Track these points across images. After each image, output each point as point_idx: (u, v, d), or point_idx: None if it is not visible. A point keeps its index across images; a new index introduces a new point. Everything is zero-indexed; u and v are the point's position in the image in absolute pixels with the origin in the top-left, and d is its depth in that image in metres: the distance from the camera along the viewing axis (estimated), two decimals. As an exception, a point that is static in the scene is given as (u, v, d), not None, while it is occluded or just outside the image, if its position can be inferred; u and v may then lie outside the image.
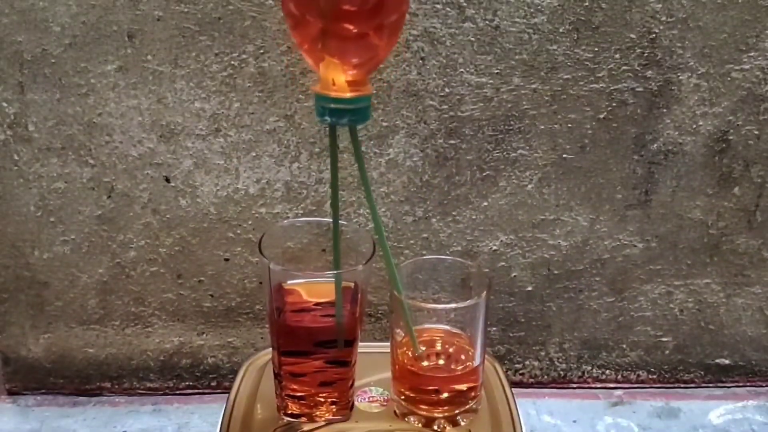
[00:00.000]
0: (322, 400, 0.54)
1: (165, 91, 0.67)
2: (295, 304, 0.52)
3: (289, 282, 0.52)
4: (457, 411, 0.54)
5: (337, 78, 0.42)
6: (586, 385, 0.83)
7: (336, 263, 0.50)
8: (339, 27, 0.41)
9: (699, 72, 0.68)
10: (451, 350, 0.54)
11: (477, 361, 0.54)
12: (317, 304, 0.52)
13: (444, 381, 0.54)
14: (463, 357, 0.54)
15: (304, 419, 0.54)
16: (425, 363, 0.53)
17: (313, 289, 0.52)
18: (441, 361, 0.54)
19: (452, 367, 0.54)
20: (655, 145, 0.71)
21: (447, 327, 0.55)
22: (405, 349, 0.54)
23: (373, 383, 0.59)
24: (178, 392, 0.81)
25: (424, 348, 0.54)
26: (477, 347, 0.53)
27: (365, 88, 0.43)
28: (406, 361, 0.53)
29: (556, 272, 0.76)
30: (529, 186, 0.72)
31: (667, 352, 0.81)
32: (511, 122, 0.69)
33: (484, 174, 0.71)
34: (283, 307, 0.52)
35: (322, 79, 0.43)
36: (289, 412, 0.55)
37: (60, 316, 0.76)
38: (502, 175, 0.71)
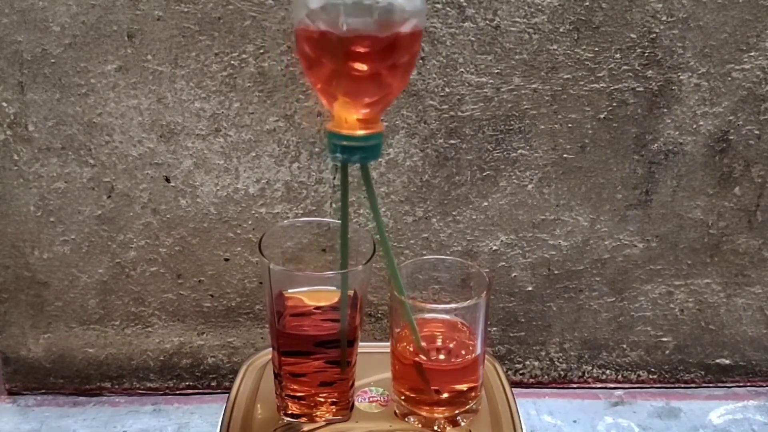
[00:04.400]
0: (322, 400, 0.54)
1: (165, 91, 0.67)
2: (295, 308, 0.52)
3: (289, 291, 0.52)
4: (457, 411, 0.54)
5: (349, 116, 0.43)
6: (587, 385, 0.83)
7: (343, 303, 0.50)
8: (352, 68, 0.41)
9: (699, 72, 0.68)
10: (451, 346, 0.54)
11: (478, 362, 0.54)
12: (317, 308, 0.52)
13: (445, 375, 0.54)
14: (463, 352, 0.54)
15: (304, 419, 0.54)
16: (425, 358, 0.53)
17: (313, 293, 0.52)
18: (442, 356, 0.54)
19: (452, 361, 0.54)
20: (656, 144, 0.71)
21: (447, 317, 0.54)
22: (405, 343, 0.54)
23: (373, 383, 0.59)
24: (178, 392, 0.81)
25: (425, 344, 0.53)
26: (477, 347, 0.53)
27: (377, 126, 0.44)
28: (407, 355, 0.53)
29: (556, 272, 0.76)
30: (530, 186, 0.72)
31: (667, 352, 0.81)
32: (512, 122, 0.69)
33: (485, 174, 0.71)
34: (283, 311, 0.52)
35: (335, 118, 0.44)
36: (289, 412, 0.55)
37: (60, 316, 0.76)
38: (502, 175, 0.71)
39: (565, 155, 0.71)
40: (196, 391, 0.81)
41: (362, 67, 0.41)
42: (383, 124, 0.45)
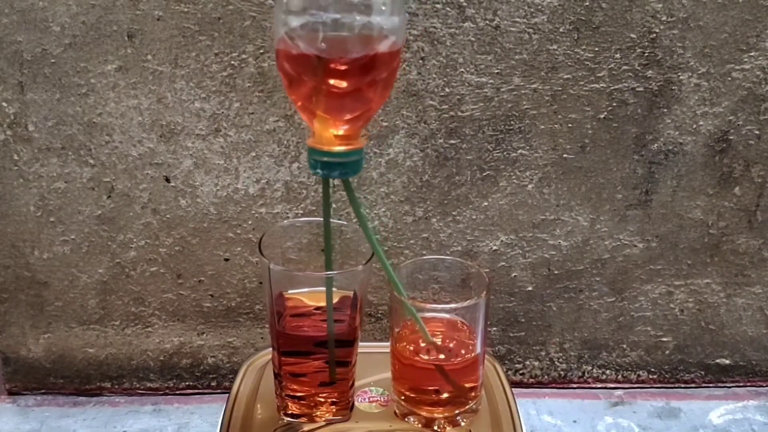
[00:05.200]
0: (322, 400, 0.54)
1: (165, 91, 0.67)
2: (295, 309, 0.52)
3: (290, 291, 0.52)
4: (457, 411, 0.54)
5: (328, 133, 0.44)
6: (587, 385, 0.83)
7: (330, 316, 0.50)
8: (331, 85, 0.42)
9: (699, 72, 0.68)
10: (451, 345, 0.55)
11: (478, 361, 0.54)
12: (317, 308, 0.52)
13: (445, 374, 0.53)
14: (463, 352, 0.54)
15: (304, 419, 0.54)
16: (425, 356, 0.53)
17: (313, 293, 0.52)
18: (442, 356, 0.54)
19: (452, 360, 0.54)
20: (656, 144, 0.71)
21: (447, 316, 0.55)
22: (405, 343, 0.54)
23: (373, 383, 0.59)
24: (178, 392, 0.81)
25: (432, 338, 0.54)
26: (477, 347, 0.53)
27: (357, 142, 0.45)
28: (407, 354, 0.53)
29: (556, 272, 0.76)
30: (530, 186, 0.72)
31: (667, 352, 0.81)
32: (512, 122, 0.69)
33: (485, 174, 0.71)
34: (283, 311, 0.52)
35: (315, 134, 0.44)
36: (289, 412, 0.55)
37: (60, 316, 0.76)
38: (502, 175, 0.71)
39: (565, 155, 0.71)
40: (196, 391, 0.81)
41: (341, 84, 0.42)
42: (363, 140, 0.45)
